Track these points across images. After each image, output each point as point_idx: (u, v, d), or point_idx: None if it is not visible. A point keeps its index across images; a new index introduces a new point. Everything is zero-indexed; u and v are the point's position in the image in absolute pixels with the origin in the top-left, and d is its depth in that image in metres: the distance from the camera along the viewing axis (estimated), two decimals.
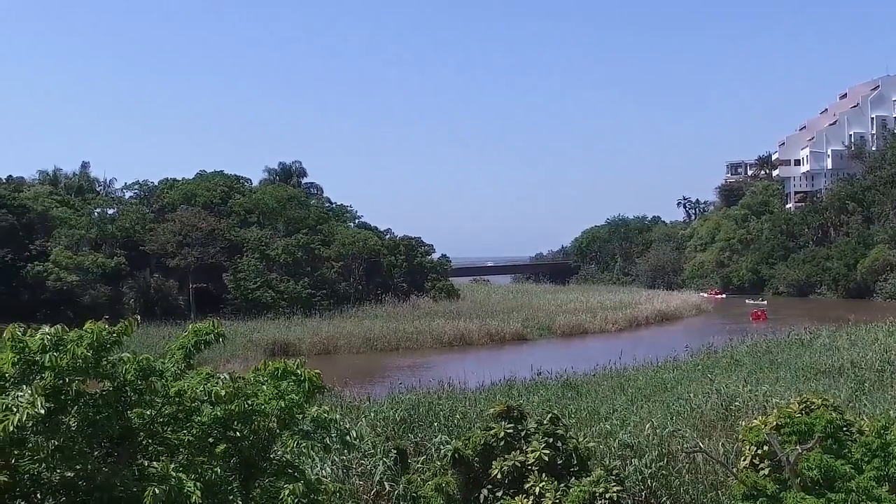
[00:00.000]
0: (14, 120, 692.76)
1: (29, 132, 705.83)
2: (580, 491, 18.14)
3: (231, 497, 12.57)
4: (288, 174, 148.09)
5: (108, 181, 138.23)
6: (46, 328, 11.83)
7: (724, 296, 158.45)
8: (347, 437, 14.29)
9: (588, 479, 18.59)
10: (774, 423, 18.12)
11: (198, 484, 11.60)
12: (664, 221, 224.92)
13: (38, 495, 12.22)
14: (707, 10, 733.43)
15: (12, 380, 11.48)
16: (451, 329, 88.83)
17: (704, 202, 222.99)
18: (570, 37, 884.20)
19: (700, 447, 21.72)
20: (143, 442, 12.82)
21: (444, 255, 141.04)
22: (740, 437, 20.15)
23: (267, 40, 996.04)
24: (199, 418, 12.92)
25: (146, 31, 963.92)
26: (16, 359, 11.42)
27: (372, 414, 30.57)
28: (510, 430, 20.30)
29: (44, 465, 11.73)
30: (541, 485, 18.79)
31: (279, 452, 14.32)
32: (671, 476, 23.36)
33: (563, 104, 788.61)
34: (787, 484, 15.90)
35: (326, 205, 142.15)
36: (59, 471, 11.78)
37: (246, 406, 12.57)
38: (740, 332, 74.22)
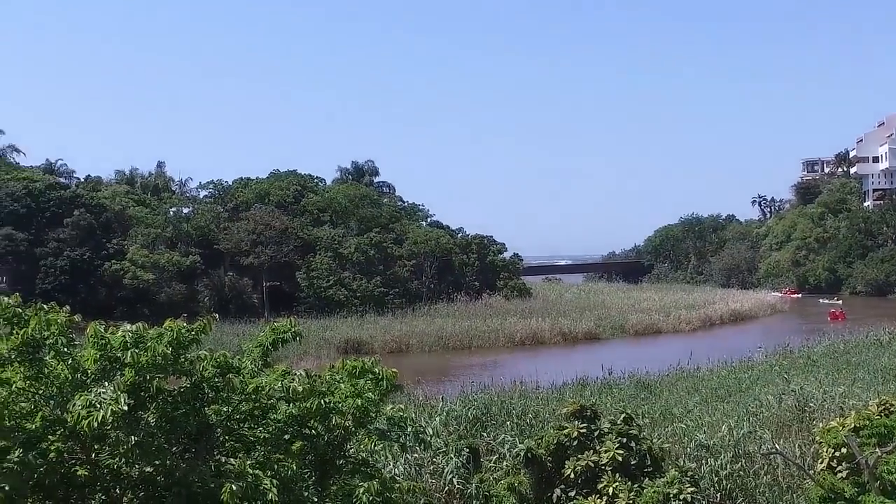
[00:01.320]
0: (93, 120, 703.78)
1: (106, 133, 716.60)
2: (654, 492, 18.01)
3: (307, 494, 12.68)
4: (360, 173, 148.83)
5: (183, 181, 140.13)
6: (128, 325, 12.03)
7: (799, 295, 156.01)
8: (423, 435, 14.33)
9: (662, 480, 18.44)
10: (853, 425, 17.87)
11: (274, 481, 11.71)
12: (739, 220, 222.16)
13: (118, 490, 12.42)
14: (782, 4, 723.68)
15: (94, 376, 11.70)
16: (522, 328, 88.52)
17: (780, 200, 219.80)
18: (648, 30, 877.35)
19: (777, 449, 21.49)
20: (221, 438, 12.98)
21: (515, 254, 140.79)
22: (817, 438, 19.90)
23: (341, 40, 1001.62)
24: (275, 416, 13.06)
25: (219, 34, 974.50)
26: (97, 355, 11.63)
27: (444, 413, 30.58)
28: (583, 430, 20.19)
29: (123, 459, 11.91)
30: (614, 485, 18.67)
31: (353, 450, 14.43)
32: (747, 478, 23.12)
33: (637, 101, 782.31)
34: (865, 487, 15.68)
35: (398, 203, 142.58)
36: (138, 466, 11.95)
37: (323, 404, 12.67)
38: (817, 332, 73.05)
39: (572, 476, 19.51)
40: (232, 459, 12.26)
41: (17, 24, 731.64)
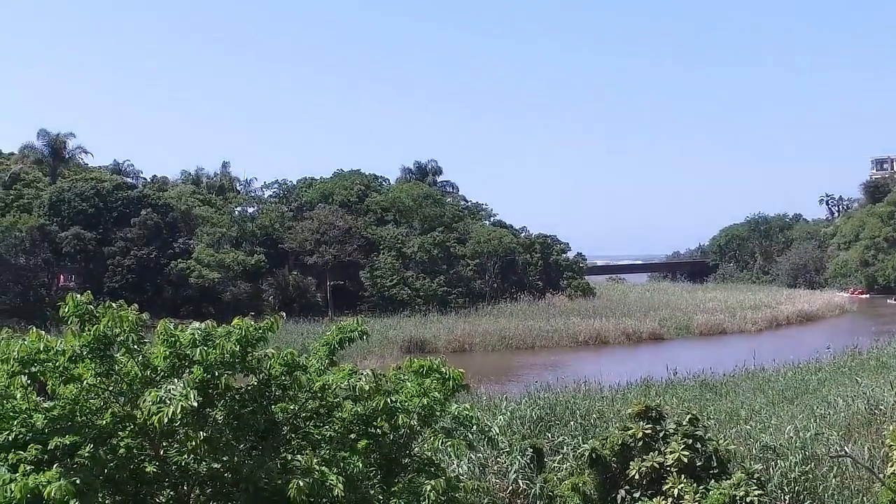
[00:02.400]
0: (159, 121, 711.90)
1: (172, 133, 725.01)
2: (720, 494, 17.85)
3: (372, 492, 12.74)
4: (424, 173, 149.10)
5: (247, 180, 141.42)
6: (196, 323, 12.16)
7: (867, 295, 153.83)
8: (491, 434, 14.34)
9: (728, 481, 18.27)
10: None
11: (340, 478, 11.78)
12: (806, 219, 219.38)
13: (186, 486, 12.57)
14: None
15: (163, 373, 11.85)
16: (586, 328, 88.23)
17: (848, 199, 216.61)
18: (712, 25, 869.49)
19: (846, 451, 21.21)
20: (287, 436, 13.07)
21: (579, 254, 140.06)
22: (888, 441, 19.60)
23: (406, 38, 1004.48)
24: (340, 414, 13.13)
25: (280, 35, 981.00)
26: (167, 353, 11.77)
27: (508, 412, 30.55)
28: (648, 431, 20.06)
29: (192, 456, 12.05)
30: (679, 486, 18.53)
31: (418, 449, 14.46)
32: (815, 481, 22.83)
33: (704, 99, 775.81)
34: None
35: (462, 203, 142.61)
36: (206, 462, 12.09)
37: (389, 402, 12.72)
38: (887, 333, 71.96)
39: (637, 477, 19.40)
40: (299, 456, 12.34)
41: (85, 27, 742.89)
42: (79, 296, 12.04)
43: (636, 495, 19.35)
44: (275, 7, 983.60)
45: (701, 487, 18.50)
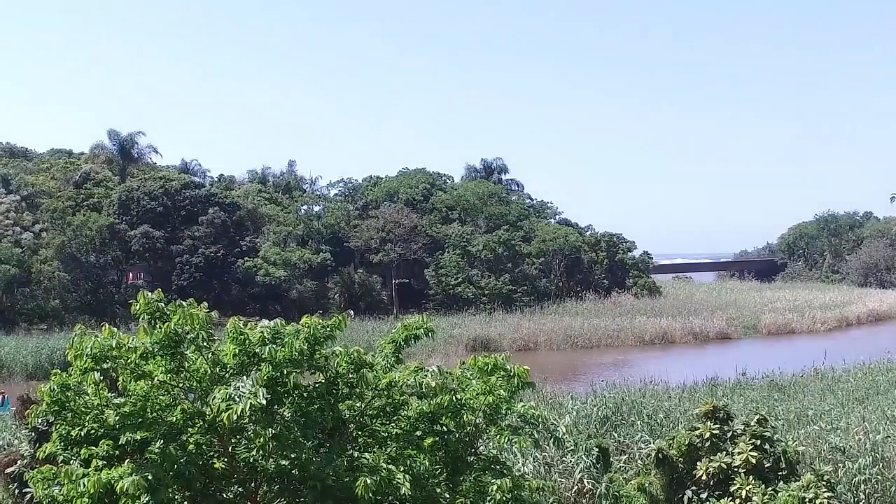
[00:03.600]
0: (227, 122, 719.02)
1: (239, 133, 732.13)
2: (789, 496, 17.70)
3: (439, 490, 12.77)
4: (489, 171, 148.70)
5: (313, 179, 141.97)
6: (266, 322, 12.28)
7: None
8: (557, 433, 14.29)
9: (797, 483, 18.12)
10: None
11: (407, 476, 11.83)
12: (877, 217, 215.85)
13: (254, 482, 12.70)
14: None
15: (232, 370, 11.97)
16: (652, 327, 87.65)
17: None
18: (780, 17, 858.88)
19: None
20: (354, 433, 13.16)
21: (645, 252, 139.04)
22: None
23: (472, 38, 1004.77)
24: (406, 412, 13.18)
25: (349, 32, 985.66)
26: (236, 350, 11.90)
27: (574, 411, 30.48)
28: (716, 431, 19.95)
29: (260, 453, 12.17)
30: (747, 488, 18.41)
31: (483, 447, 14.47)
32: (886, 483, 22.51)
33: (772, 97, 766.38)
34: None
35: (527, 201, 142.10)
36: (273, 459, 12.21)
37: (454, 400, 12.74)
38: None
39: (704, 478, 19.30)
40: (366, 454, 12.41)
41: (155, 29, 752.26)
42: (149, 294, 12.20)
43: (703, 496, 19.25)
44: (340, 6, 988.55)
45: (769, 489, 18.36)
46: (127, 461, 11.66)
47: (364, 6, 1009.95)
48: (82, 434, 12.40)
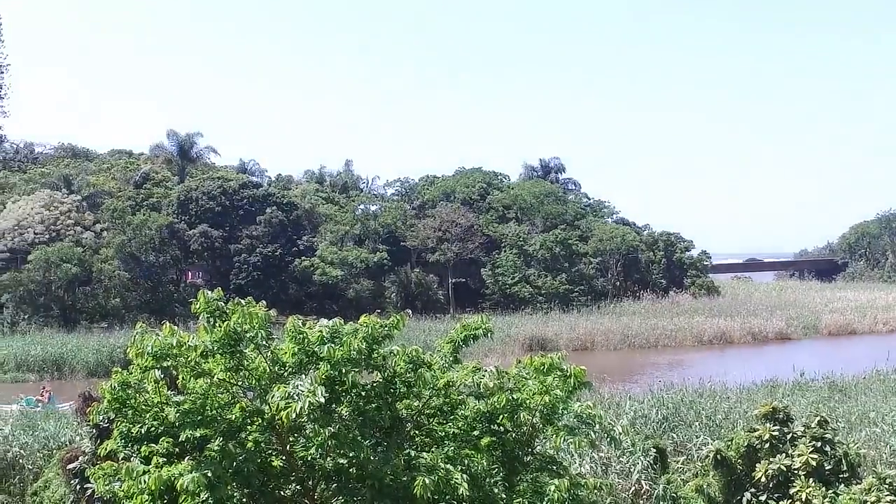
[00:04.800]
0: (285, 123, 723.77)
1: (297, 133, 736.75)
2: (850, 499, 17.50)
3: (496, 490, 12.76)
4: (546, 170, 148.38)
5: (370, 179, 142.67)
6: (324, 321, 12.35)
7: None
8: (615, 434, 14.23)
9: (858, 486, 17.90)
10: None
11: (464, 476, 11.83)
12: None
13: (312, 481, 12.76)
14: None
15: (290, 369, 12.04)
16: (710, 327, 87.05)
17: None
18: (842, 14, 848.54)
19: None
20: (411, 432, 13.18)
21: (703, 251, 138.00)
22: None
23: (528, 39, 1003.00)
24: (463, 411, 13.19)
25: (403, 31, 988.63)
26: (295, 349, 11.97)
27: (631, 411, 30.33)
28: (775, 433, 19.76)
29: (318, 451, 12.22)
30: (808, 490, 18.22)
31: (540, 447, 14.43)
32: None
33: (835, 95, 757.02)
34: None
35: (584, 200, 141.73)
36: (331, 457, 12.25)
37: (511, 400, 12.72)
38: None
39: (763, 480, 19.13)
40: (424, 453, 12.43)
41: (211, 32, 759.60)
42: (209, 293, 12.31)
43: (762, 498, 19.09)
44: (396, 7, 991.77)
45: (830, 492, 18.16)
46: (187, 458, 11.77)
47: (419, 6, 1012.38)
48: (143, 431, 12.54)
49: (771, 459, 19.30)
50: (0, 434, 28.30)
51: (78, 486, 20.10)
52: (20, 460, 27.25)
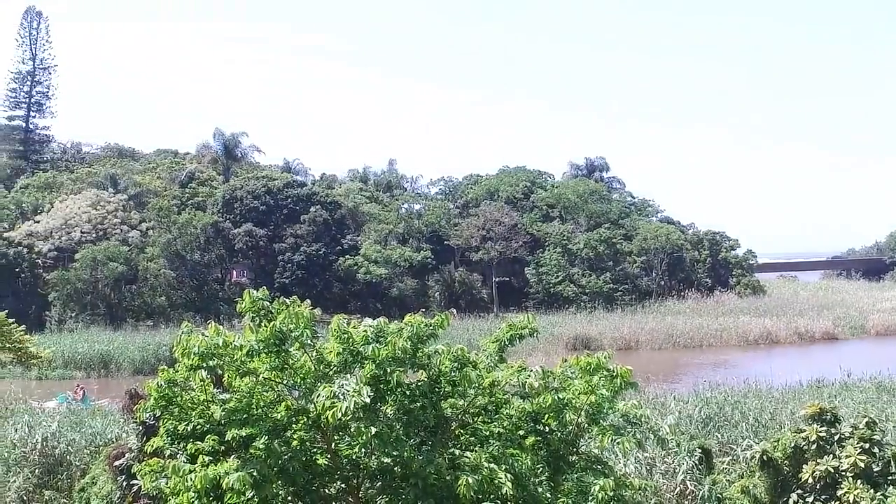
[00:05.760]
0: (329, 122, 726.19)
1: (341, 133, 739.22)
2: None
3: (540, 490, 12.73)
4: (591, 169, 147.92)
5: (414, 178, 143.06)
6: (369, 320, 12.39)
7: None
8: (661, 434, 14.18)
9: None
10: None
11: (508, 475, 11.82)
12: None
13: (357, 479, 12.81)
14: None
15: (335, 368, 12.09)
16: (756, 326, 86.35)
17: None
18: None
19: None
20: (456, 432, 13.19)
21: (749, 251, 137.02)
22: None
23: (572, 39, 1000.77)
24: (508, 411, 13.17)
25: (453, 32, 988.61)
26: (340, 349, 12.01)
27: (676, 411, 30.16)
28: (822, 434, 19.57)
29: (363, 450, 12.25)
30: (855, 492, 18.03)
31: (585, 447, 14.38)
32: None
33: (882, 94, 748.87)
34: None
35: (628, 199, 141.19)
36: (376, 456, 12.28)
37: (556, 399, 12.69)
38: None
39: (810, 481, 18.96)
40: (468, 453, 12.43)
41: (255, 32, 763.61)
42: (255, 292, 12.39)
43: (809, 500, 18.92)
44: (440, 8, 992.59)
45: (878, 494, 17.98)
46: (232, 457, 11.85)
47: (454, 6, 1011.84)
48: (189, 429, 12.63)
49: (818, 461, 19.12)
50: (48, 431, 28.53)
51: (124, 483, 20.29)
52: (67, 457, 27.49)
